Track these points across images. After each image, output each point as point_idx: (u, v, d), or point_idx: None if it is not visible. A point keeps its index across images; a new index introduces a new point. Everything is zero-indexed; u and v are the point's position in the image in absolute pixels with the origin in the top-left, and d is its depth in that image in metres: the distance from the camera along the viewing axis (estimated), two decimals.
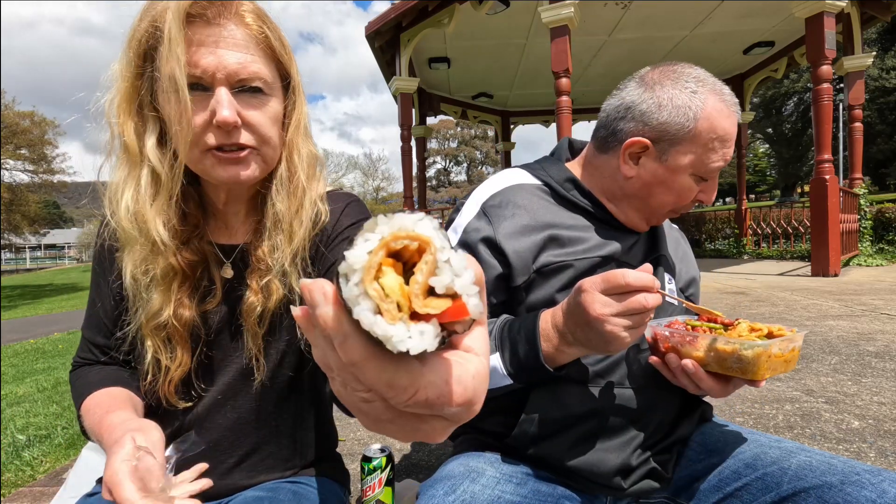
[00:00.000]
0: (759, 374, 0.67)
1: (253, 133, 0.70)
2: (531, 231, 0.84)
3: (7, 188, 21.56)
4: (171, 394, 0.75)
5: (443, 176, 58.40)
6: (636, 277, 0.62)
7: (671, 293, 0.86)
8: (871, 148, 25.72)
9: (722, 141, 0.79)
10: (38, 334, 7.05)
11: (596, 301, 0.63)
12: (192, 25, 0.65)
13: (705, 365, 0.71)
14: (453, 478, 0.75)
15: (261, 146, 0.71)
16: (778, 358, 0.68)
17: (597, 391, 0.80)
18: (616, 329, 0.62)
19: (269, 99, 0.71)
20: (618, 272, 0.62)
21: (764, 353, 0.67)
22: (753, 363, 0.67)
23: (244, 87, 0.68)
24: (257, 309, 0.75)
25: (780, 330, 0.72)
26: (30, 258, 62.59)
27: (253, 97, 0.69)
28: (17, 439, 2.35)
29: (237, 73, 0.66)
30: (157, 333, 0.73)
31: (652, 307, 0.62)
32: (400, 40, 7.28)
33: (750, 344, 0.67)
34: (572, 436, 0.79)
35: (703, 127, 0.78)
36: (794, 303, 4.04)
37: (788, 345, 0.69)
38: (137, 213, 0.70)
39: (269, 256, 0.75)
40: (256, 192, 0.79)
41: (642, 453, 0.80)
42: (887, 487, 0.61)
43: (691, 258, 0.98)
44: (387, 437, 0.77)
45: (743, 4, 6.63)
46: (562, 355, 0.71)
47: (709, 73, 0.83)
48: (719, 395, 0.72)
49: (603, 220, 0.88)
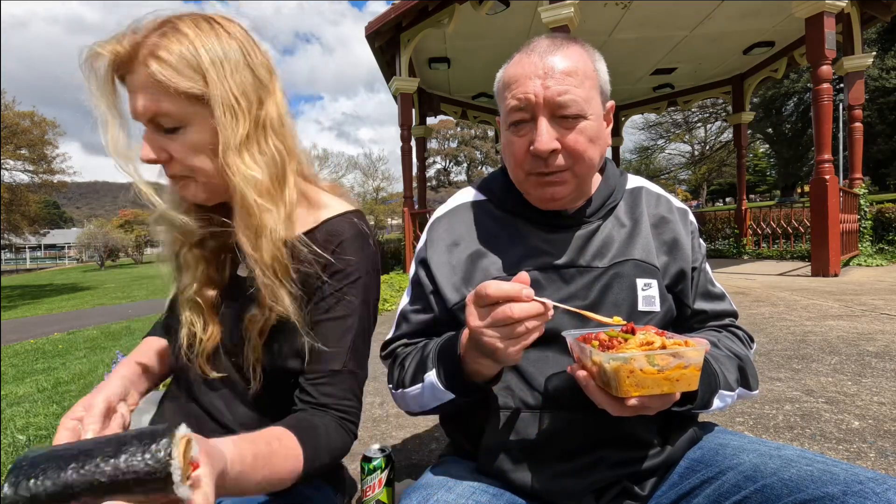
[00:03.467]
0: (623, 391, 0.62)
1: (178, 164, 0.75)
2: (456, 251, 0.90)
3: (7, 188, 21.54)
4: (204, 362, 0.83)
5: (443, 176, 58.37)
6: (496, 288, 0.61)
7: (648, 295, 0.84)
8: (871, 148, 25.69)
9: (506, 85, 0.83)
10: (38, 334, 7.05)
11: (470, 314, 0.65)
12: (128, 76, 0.72)
13: (595, 379, 0.67)
14: (430, 487, 0.76)
15: (191, 173, 0.76)
16: (648, 374, 0.61)
17: (552, 417, 0.79)
18: (492, 341, 0.63)
19: (185, 130, 0.73)
20: (483, 284, 0.63)
21: (623, 367, 0.61)
22: (614, 378, 0.62)
23: (160, 125, 0.73)
24: (258, 324, 0.78)
25: (686, 344, 0.64)
26: (30, 258, 62.53)
27: (169, 132, 0.73)
28: (17, 439, 2.35)
29: (144, 114, 0.72)
30: (190, 305, 0.82)
31: (520, 317, 0.60)
32: (400, 40, 7.28)
33: (612, 357, 0.62)
34: (534, 462, 0.79)
35: (501, 82, 0.85)
36: (794, 303, 4.04)
37: (671, 361, 0.62)
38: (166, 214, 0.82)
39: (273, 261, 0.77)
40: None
41: (613, 473, 0.78)
42: (892, 497, 0.58)
43: (685, 248, 0.89)
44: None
45: (743, 4, 6.63)
46: (482, 367, 0.71)
47: (555, 38, 0.83)
48: (614, 411, 0.66)
49: (539, 221, 0.89)
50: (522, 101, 0.79)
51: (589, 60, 0.82)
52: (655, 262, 0.86)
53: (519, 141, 0.82)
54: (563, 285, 0.84)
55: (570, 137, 0.79)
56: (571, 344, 0.72)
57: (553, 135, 0.78)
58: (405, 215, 7.86)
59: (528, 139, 0.80)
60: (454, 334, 0.78)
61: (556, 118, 0.79)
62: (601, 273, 0.84)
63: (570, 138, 0.79)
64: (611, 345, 0.67)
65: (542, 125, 0.78)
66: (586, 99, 0.79)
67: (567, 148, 0.79)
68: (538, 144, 0.78)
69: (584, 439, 0.78)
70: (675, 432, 0.83)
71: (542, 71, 0.78)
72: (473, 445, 0.86)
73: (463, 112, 10.98)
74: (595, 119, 0.81)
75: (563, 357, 0.81)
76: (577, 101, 0.77)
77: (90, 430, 0.71)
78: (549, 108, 0.78)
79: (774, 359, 2.51)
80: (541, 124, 0.78)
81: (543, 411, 0.80)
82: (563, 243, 0.87)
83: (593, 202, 0.90)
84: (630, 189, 0.94)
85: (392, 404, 2.13)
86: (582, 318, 0.70)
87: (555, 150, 0.79)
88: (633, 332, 0.70)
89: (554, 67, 0.78)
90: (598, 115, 0.82)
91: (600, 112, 0.83)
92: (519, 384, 0.81)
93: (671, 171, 44.37)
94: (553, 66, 0.78)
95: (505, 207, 0.93)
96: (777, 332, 3.07)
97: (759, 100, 30.55)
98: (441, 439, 1.77)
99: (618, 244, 0.87)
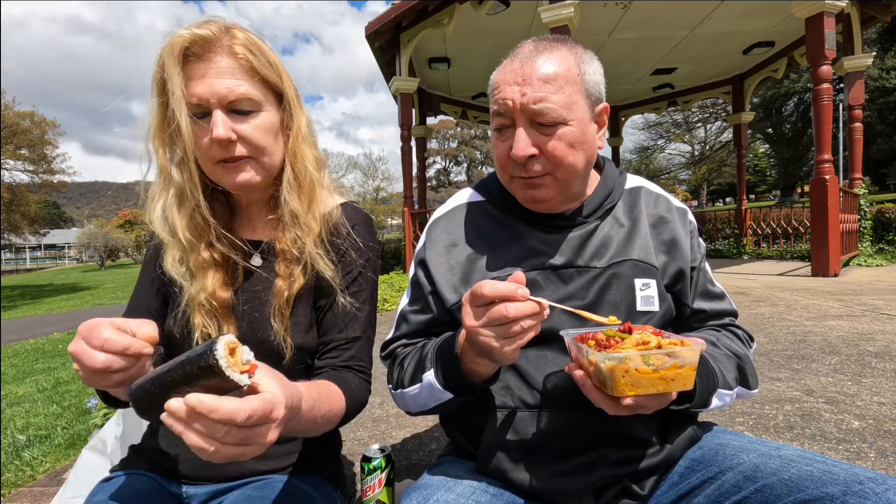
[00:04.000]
0: (618, 390, 0.63)
1: (247, 144, 0.82)
2: (454, 252, 0.91)
3: (7, 188, 21.53)
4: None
5: (443, 176, 58.39)
6: (491, 288, 0.62)
7: (647, 294, 0.84)
8: (871, 148, 25.69)
9: (491, 90, 0.84)
10: (38, 334, 7.05)
11: (466, 314, 0.66)
12: (189, 63, 0.79)
13: (591, 378, 0.67)
14: (430, 486, 0.76)
15: (257, 154, 0.84)
16: (643, 374, 0.62)
17: (551, 416, 0.80)
18: (488, 340, 0.64)
19: (260, 114, 0.83)
20: (479, 283, 0.63)
21: (618, 366, 0.61)
22: (609, 377, 0.63)
23: (236, 108, 0.80)
24: (285, 293, 0.86)
25: (682, 344, 0.65)
26: (30, 258, 62.57)
27: (245, 114, 0.81)
28: (17, 439, 2.35)
29: (226, 96, 0.79)
30: (202, 310, 0.85)
31: (515, 316, 0.61)
32: (400, 40, 7.28)
33: (607, 356, 0.62)
34: (533, 462, 0.79)
35: (489, 86, 0.86)
36: (794, 303, 4.04)
37: (666, 360, 0.62)
38: (168, 220, 0.86)
39: (292, 247, 0.88)
40: (272, 195, 0.91)
41: (613, 472, 0.78)
42: (892, 497, 0.58)
43: (684, 247, 0.89)
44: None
45: (743, 4, 6.63)
46: (479, 366, 0.72)
47: (541, 41, 0.83)
48: (610, 410, 0.67)
49: (537, 222, 0.89)
50: (502, 106, 0.80)
51: (574, 64, 0.80)
52: (654, 262, 0.86)
53: (501, 145, 0.83)
54: (562, 285, 0.85)
55: (549, 144, 0.79)
56: (569, 343, 0.73)
57: (530, 141, 0.79)
58: (405, 215, 7.86)
59: (509, 144, 0.81)
60: (452, 334, 0.78)
61: (534, 125, 0.79)
62: (599, 273, 0.85)
63: (549, 145, 0.79)
64: (607, 344, 0.67)
65: (519, 133, 0.79)
66: (566, 105, 0.78)
67: (546, 154, 0.80)
68: (515, 150, 0.79)
69: (584, 438, 0.79)
70: (674, 431, 0.83)
71: (520, 78, 0.79)
72: (473, 445, 0.87)
73: (463, 112, 10.97)
74: (577, 124, 0.80)
75: (562, 356, 0.81)
76: (554, 109, 0.77)
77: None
78: (526, 115, 0.79)
79: (774, 359, 2.51)
80: (518, 132, 0.79)
81: (542, 410, 0.80)
82: (561, 244, 0.87)
83: (591, 202, 0.90)
84: (629, 189, 0.94)
85: (392, 404, 2.13)
86: (579, 317, 0.71)
87: (533, 156, 0.80)
88: (629, 331, 0.70)
89: (532, 74, 0.78)
90: (581, 119, 0.80)
91: (585, 116, 0.81)
92: (518, 383, 0.82)
93: (671, 172, 44.37)
94: (531, 74, 0.78)
95: (503, 208, 0.93)
96: (777, 332, 3.07)
97: (759, 100, 30.55)
98: (441, 439, 1.77)
99: (616, 244, 0.87)
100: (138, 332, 0.65)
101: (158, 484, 0.84)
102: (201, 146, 0.80)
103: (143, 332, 0.65)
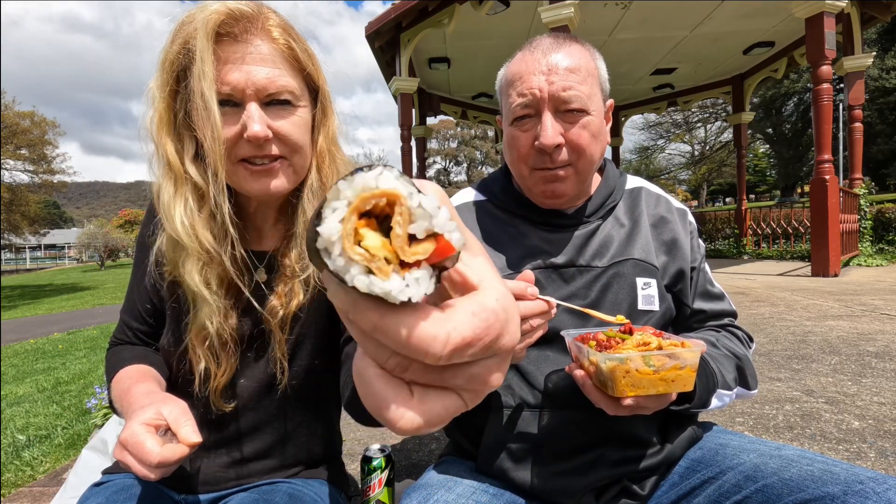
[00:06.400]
0: (618, 391, 0.63)
1: (283, 143, 0.72)
2: None
3: (7, 188, 21.52)
4: (217, 399, 0.78)
5: (443, 176, 58.36)
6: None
7: (648, 294, 0.84)
8: (871, 148, 25.68)
9: (510, 82, 0.84)
10: (38, 334, 7.05)
11: None
12: (220, 44, 0.67)
13: (591, 378, 0.67)
14: (430, 486, 0.76)
15: (291, 155, 0.74)
16: (644, 374, 0.62)
17: (552, 415, 0.80)
18: None
19: (298, 109, 0.73)
20: None
21: (619, 367, 0.61)
22: (610, 377, 0.63)
23: (273, 101, 0.70)
24: (279, 313, 0.77)
25: (683, 345, 0.64)
26: (30, 258, 62.54)
27: (282, 109, 0.71)
28: (17, 439, 2.35)
29: (266, 87, 0.69)
30: (205, 341, 0.75)
31: (525, 315, 0.61)
32: (400, 40, 7.28)
33: (608, 357, 0.62)
34: (534, 461, 0.79)
35: (504, 79, 0.87)
36: (794, 303, 4.04)
37: (666, 361, 0.62)
38: (192, 227, 0.71)
39: (296, 263, 0.78)
40: (286, 200, 0.81)
41: (613, 472, 0.78)
42: (892, 496, 0.58)
43: (684, 248, 0.89)
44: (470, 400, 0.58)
45: (743, 4, 6.63)
46: None
47: (557, 36, 0.84)
48: (610, 411, 0.67)
49: (539, 221, 0.90)
50: (527, 96, 0.80)
51: (590, 58, 0.83)
52: (655, 262, 0.87)
53: (523, 136, 0.83)
54: (563, 285, 0.85)
55: (573, 132, 0.80)
56: (570, 343, 0.73)
57: (558, 129, 0.80)
58: None
59: (533, 134, 0.81)
60: None
61: (560, 113, 0.80)
62: (601, 272, 0.85)
63: (573, 133, 0.80)
64: (608, 345, 0.67)
65: (546, 120, 0.79)
66: (589, 95, 0.80)
67: (570, 143, 0.80)
68: (543, 139, 0.79)
69: (584, 438, 0.79)
70: (674, 431, 0.83)
71: (546, 67, 0.79)
72: (473, 445, 0.87)
73: (463, 112, 10.98)
74: (597, 115, 0.82)
75: (563, 356, 0.81)
76: (580, 97, 0.79)
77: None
78: (553, 103, 0.79)
79: (774, 359, 2.51)
80: (545, 119, 0.79)
81: (543, 410, 0.80)
82: (562, 243, 0.87)
83: (593, 202, 0.90)
84: (629, 189, 0.95)
85: None
86: (583, 317, 0.71)
87: (559, 145, 0.80)
88: (630, 332, 0.70)
89: (558, 64, 0.79)
90: (599, 111, 0.83)
91: (602, 109, 0.84)
92: (519, 383, 0.82)
93: (671, 172, 44.34)
94: (557, 63, 0.79)
95: (505, 207, 0.93)
96: (777, 332, 3.07)
97: (759, 100, 30.53)
98: (441, 439, 1.77)
99: (617, 244, 0.87)
100: (179, 432, 0.60)
101: (154, 486, 0.80)
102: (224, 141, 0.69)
103: (184, 434, 0.60)
